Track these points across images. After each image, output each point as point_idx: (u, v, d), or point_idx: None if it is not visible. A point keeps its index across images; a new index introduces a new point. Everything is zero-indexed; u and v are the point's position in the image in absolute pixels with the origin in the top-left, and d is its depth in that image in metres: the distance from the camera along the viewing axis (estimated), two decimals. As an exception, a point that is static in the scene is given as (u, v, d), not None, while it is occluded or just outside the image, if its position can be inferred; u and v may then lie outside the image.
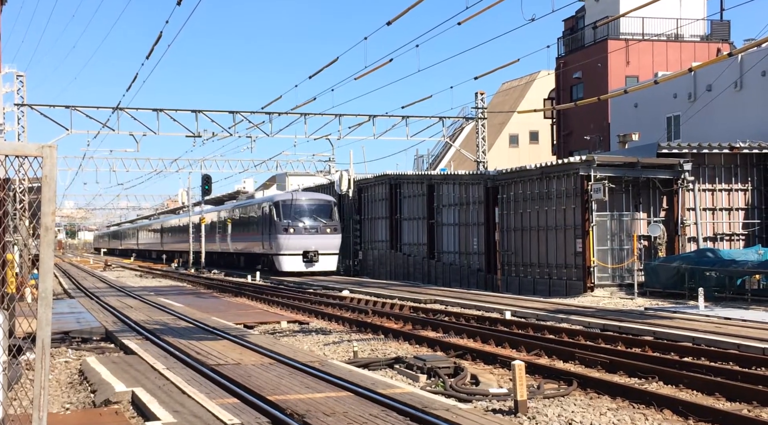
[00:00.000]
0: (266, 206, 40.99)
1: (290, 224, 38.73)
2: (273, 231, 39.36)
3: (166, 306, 22.85)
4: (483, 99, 38.48)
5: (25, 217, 30.38)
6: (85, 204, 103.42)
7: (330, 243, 38.97)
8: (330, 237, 39.00)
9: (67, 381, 11.98)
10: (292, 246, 38.49)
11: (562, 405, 9.74)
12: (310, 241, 38.53)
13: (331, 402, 9.18)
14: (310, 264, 38.46)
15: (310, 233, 38.61)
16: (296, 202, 39.57)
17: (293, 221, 38.79)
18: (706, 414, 8.96)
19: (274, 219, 39.32)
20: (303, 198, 40.15)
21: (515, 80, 63.37)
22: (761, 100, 29.50)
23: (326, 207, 39.96)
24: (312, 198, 40.46)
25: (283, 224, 38.80)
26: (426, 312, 20.96)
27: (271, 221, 39.61)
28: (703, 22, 40.95)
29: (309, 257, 38.43)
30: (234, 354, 13.09)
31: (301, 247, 38.47)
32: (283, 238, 38.68)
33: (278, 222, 38.94)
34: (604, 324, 16.70)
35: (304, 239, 38.50)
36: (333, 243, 39.15)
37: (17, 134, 32.97)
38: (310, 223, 38.86)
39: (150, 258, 77.40)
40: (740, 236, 26.81)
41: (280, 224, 38.85)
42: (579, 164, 24.90)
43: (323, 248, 38.73)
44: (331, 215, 39.70)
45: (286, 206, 39.44)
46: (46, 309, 4.67)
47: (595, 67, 39.77)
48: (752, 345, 13.14)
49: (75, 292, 31.32)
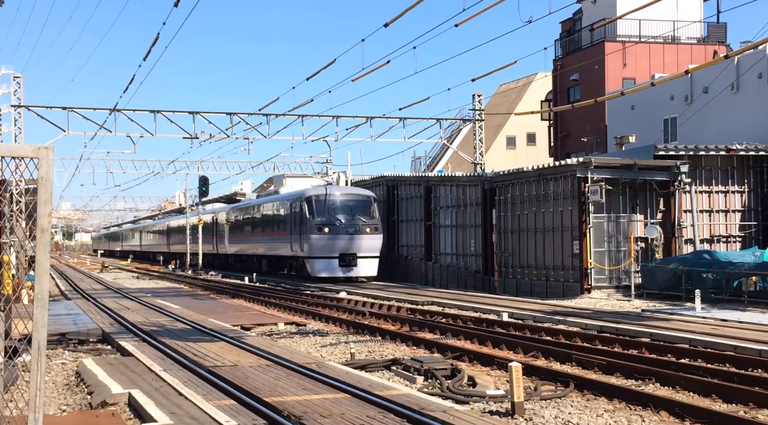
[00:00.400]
0: (296, 202, 35.73)
1: (325, 222, 33.73)
2: (304, 231, 34.43)
3: (163, 308, 22.83)
4: (480, 101, 38.51)
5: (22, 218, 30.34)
6: (82, 206, 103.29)
7: (370, 245, 34.03)
8: (370, 238, 33.99)
9: (63, 382, 11.96)
10: (327, 248, 33.58)
11: (559, 406, 9.75)
12: (348, 242, 33.67)
13: (328, 403, 9.17)
14: (347, 269, 33.51)
15: (347, 234, 33.68)
16: (331, 197, 34.39)
17: (328, 220, 33.82)
18: (703, 415, 8.97)
19: (305, 217, 34.28)
20: (339, 193, 35.01)
21: (512, 82, 63.44)
22: (758, 102, 29.55)
23: (365, 203, 34.82)
24: (349, 193, 35.35)
25: (317, 222, 33.83)
26: (423, 314, 20.96)
27: (302, 219, 34.64)
28: (699, 25, 41.02)
29: (346, 260, 33.53)
30: (231, 355, 13.07)
31: (338, 249, 33.57)
32: (316, 239, 33.73)
33: (310, 220, 33.99)
34: (601, 326, 16.71)
35: (340, 240, 33.60)
36: (373, 245, 34.17)
37: (14, 136, 32.94)
38: (347, 221, 33.79)
39: (155, 261, 73.94)
40: (737, 238, 26.85)
41: (313, 223, 33.88)
42: (576, 166, 24.92)
43: (362, 250, 33.79)
44: (370, 212, 34.71)
45: (319, 201, 34.20)
46: (42, 311, 4.66)
47: (592, 69, 39.82)
48: (749, 347, 13.16)
49: (72, 294, 31.28)
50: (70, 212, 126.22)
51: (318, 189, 35.54)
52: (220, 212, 51.41)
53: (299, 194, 36.23)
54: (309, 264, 34.26)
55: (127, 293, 30.83)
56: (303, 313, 22.45)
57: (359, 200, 34.87)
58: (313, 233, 33.85)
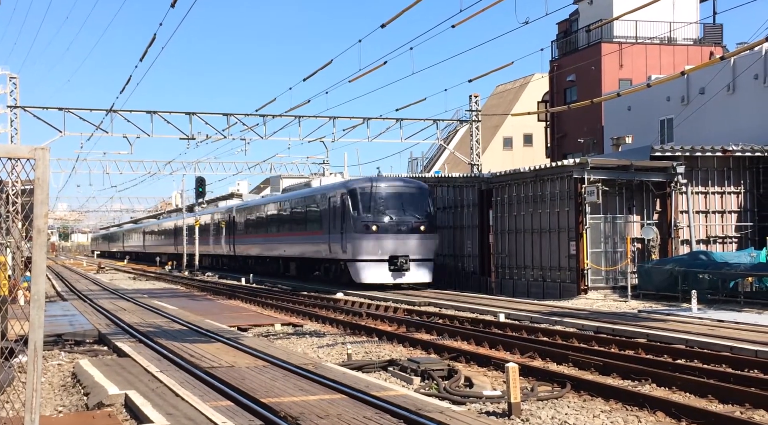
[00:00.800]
0: (336, 196, 30.85)
1: (373, 219, 29.16)
2: (347, 229, 29.63)
3: (160, 309, 22.81)
4: (477, 102, 38.55)
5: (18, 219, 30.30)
6: (79, 206, 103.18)
7: (424, 246, 29.46)
8: (424, 238, 29.45)
9: (59, 383, 11.94)
10: (375, 250, 28.94)
11: (555, 407, 9.76)
12: (399, 243, 29.03)
13: (325, 404, 9.18)
14: (398, 274, 28.93)
15: (399, 233, 29.17)
16: (379, 189, 29.76)
17: (376, 217, 29.25)
18: (699, 416, 8.98)
19: (348, 213, 29.54)
20: (388, 184, 30.35)
21: (509, 83, 63.52)
22: (754, 103, 29.60)
23: (419, 196, 30.12)
24: (401, 185, 30.57)
25: (363, 219, 29.15)
26: (420, 315, 20.97)
27: (344, 215, 29.83)
28: (696, 26, 41.11)
29: (398, 264, 28.82)
30: (228, 356, 13.07)
31: (387, 251, 28.92)
32: (362, 239, 29.03)
33: (355, 217, 29.29)
34: (597, 327, 16.72)
35: (390, 240, 29.04)
36: (427, 246, 29.61)
37: (10, 136, 32.89)
38: (398, 218, 29.35)
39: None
40: (733, 239, 26.89)
41: (359, 220, 29.19)
42: (573, 167, 24.95)
43: (416, 252, 29.19)
44: (425, 208, 30.06)
45: (366, 195, 29.58)
46: (38, 312, 4.66)
47: (589, 70, 39.87)
48: (745, 348, 13.18)
49: (68, 295, 31.25)
50: (67, 213, 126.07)
51: (363, 180, 31.00)
52: (236, 210, 46.85)
53: (340, 186, 31.60)
54: (353, 268, 29.38)
55: (123, 294, 30.80)
56: (300, 314, 22.45)
57: (412, 192, 30.17)
58: (358, 231, 29.12)
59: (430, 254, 29.64)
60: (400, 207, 29.61)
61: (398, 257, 28.91)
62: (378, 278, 28.94)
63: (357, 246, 29.14)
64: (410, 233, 29.24)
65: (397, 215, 29.43)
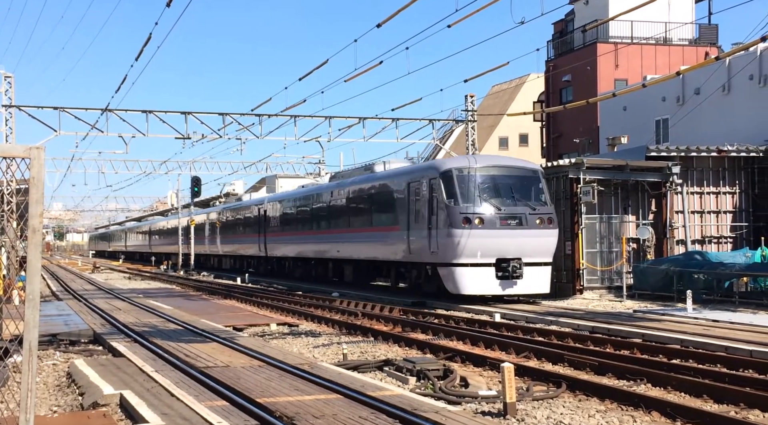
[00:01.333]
0: (422, 181, 24.12)
1: (476, 211, 22.32)
2: (439, 224, 22.90)
3: (155, 309, 22.78)
4: (473, 102, 38.53)
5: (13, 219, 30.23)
6: (74, 206, 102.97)
7: (542, 244, 22.67)
8: (543, 234, 22.71)
9: (54, 383, 11.92)
10: (478, 250, 22.09)
11: (551, 407, 9.77)
12: (510, 241, 22.27)
13: (321, 404, 9.17)
14: (508, 282, 22.14)
15: (510, 228, 22.41)
16: (482, 172, 22.98)
17: (480, 207, 22.40)
18: (694, 415, 9.00)
19: (441, 202, 22.88)
20: (493, 166, 23.52)
21: (505, 83, 63.61)
22: (749, 103, 29.68)
23: (531, 180, 23.55)
24: (507, 165, 23.91)
25: (463, 210, 22.28)
26: (416, 315, 20.96)
27: (433, 205, 23.24)
28: (691, 26, 41.19)
29: (509, 269, 22.02)
30: (223, 356, 13.05)
31: (494, 252, 22.15)
32: (461, 235, 22.06)
33: (452, 208, 22.46)
34: (593, 327, 16.75)
35: (499, 237, 22.24)
36: (546, 245, 22.81)
37: (5, 136, 32.81)
38: (509, 210, 22.58)
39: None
40: (728, 239, 26.96)
41: (457, 212, 22.31)
42: (568, 167, 24.98)
43: (532, 253, 22.39)
44: (539, 194, 23.46)
45: (463, 179, 22.72)
46: (33, 311, 4.65)
47: (585, 71, 39.93)
48: (740, 347, 13.21)
49: (63, 294, 31.19)
50: (62, 213, 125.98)
51: (458, 161, 24.04)
52: (268, 203, 40.14)
53: (427, 169, 24.75)
54: (447, 274, 22.56)
55: (118, 293, 30.76)
56: (295, 314, 22.43)
57: (523, 175, 23.52)
58: (455, 226, 22.19)
59: (549, 255, 22.94)
60: (509, 194, 23.04)
61: (509, 259, 22.10)
62: (482, 288, 22.19)
63: (453, 245, 22.17)
64: (524, 228, 22.45)
65: (507, 204, 22.69)
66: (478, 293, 22.37)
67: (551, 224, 22.97)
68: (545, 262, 22.82)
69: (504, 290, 22.30)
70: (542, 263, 22.71)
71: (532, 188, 23.42)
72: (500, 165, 23.77)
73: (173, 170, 55.08)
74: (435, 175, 23.47)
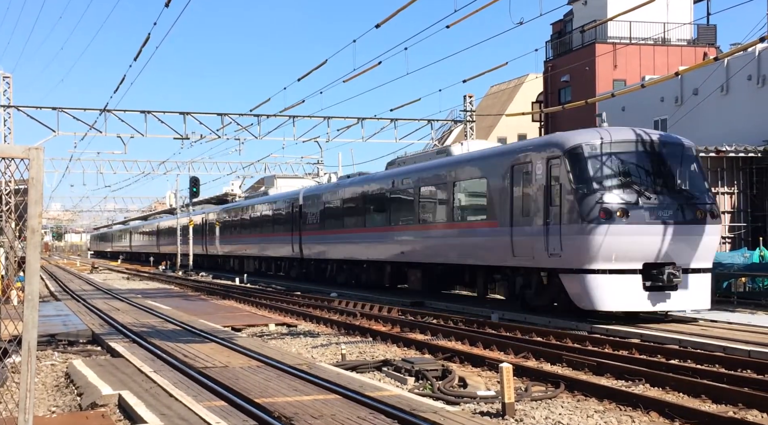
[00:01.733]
0: (536, 163, 18.65)
1: (616, 200, 16.86)
2: (564, 217, 17.46)
3: (154, 309, 22.78)
4: (471, 102, 38.57)
5: (12, 219, 30.22)
6: (72, 206, 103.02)
7: (703, 245, 17.27)
8: (704, 231, 17.29)
9: (53, 384, 11.92)
10: (620, 251, 16.69)
11: (549, 407, 9.77)
12: (662, 239, 16.85)
13: (319, 404, 9.17)
14: (660, 295, 16.84)
15: (661, 222, 16.91)
16: (620, 149, 17.64)
17: (620, 195, 16.96)
18: (692, 416, 9.01)
19: (568, 189, 17.46)
20: (634, 140, 17.83)
21: (503, 83, 63.61)
22: (747, 104, 29.69)
23: (687, 161, 18.09)
24: (654, 140, 18.00)
25: (598, 199, 16.88)
26: (414, 315, 20.97)
27: (557, 194, 17.77)
28: (689, 27, 41.22)
29: (661, 277, 16.66)
30: (221, 356, 13.06)
31: (640, 255, 16.80)
32: (597, 233, 16.69)
33: (583, 196, 17.15)
34: (591, 327, 16.74)
35: (648, 234, 16.79)
36: (708, 245, 17.45)
37: (3, 136, 32.80)
38: (660, 199, 17.12)
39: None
40: (726, 239, 26.95)
41: (591, 201, 16.95)
42: (567, 167, 24.83)
43: (689, 257, 17.13)
44: (697, 180, 18.10)
45: (595, 159, 17.46)
46: (32, 312, 4.65)
47: (583, 71, 39.95)
48: (738, 348, 13.22)
49: (61, 295, 31.17)
50: (60, 213, 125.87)
51: (588, 134, 18.24)
52: (304, 196, 35.26)
53: (545, 145, 19.04)
54: (577, 284, 17.21)
55: (117, 294, 30.75)
56: (294, 314, 22.43)
57: (673, 153, 17.98)
58: (588, 220, 16.84)
59: (708, 259, 17.63)
60: (658, 179, 17.56)
61: (661, 265, 16.79)
62: (625, 302, 16.91)
63: (586, 245, 16.80)
64: (681, 224, 17.04)
65: (657, 192, 17.23)
66: (621, 309, 17.19)
67: (714, 218, 17.56)
68: (705, 268, 17.50)
69: (655, 306, 16.92)
70: (702, 269, 17.39)
71: (688, 170, 17.96)
72: (645, 140, 17.85)
73: (172, 171, 55.11)
74: (557, 153, 17.91)
